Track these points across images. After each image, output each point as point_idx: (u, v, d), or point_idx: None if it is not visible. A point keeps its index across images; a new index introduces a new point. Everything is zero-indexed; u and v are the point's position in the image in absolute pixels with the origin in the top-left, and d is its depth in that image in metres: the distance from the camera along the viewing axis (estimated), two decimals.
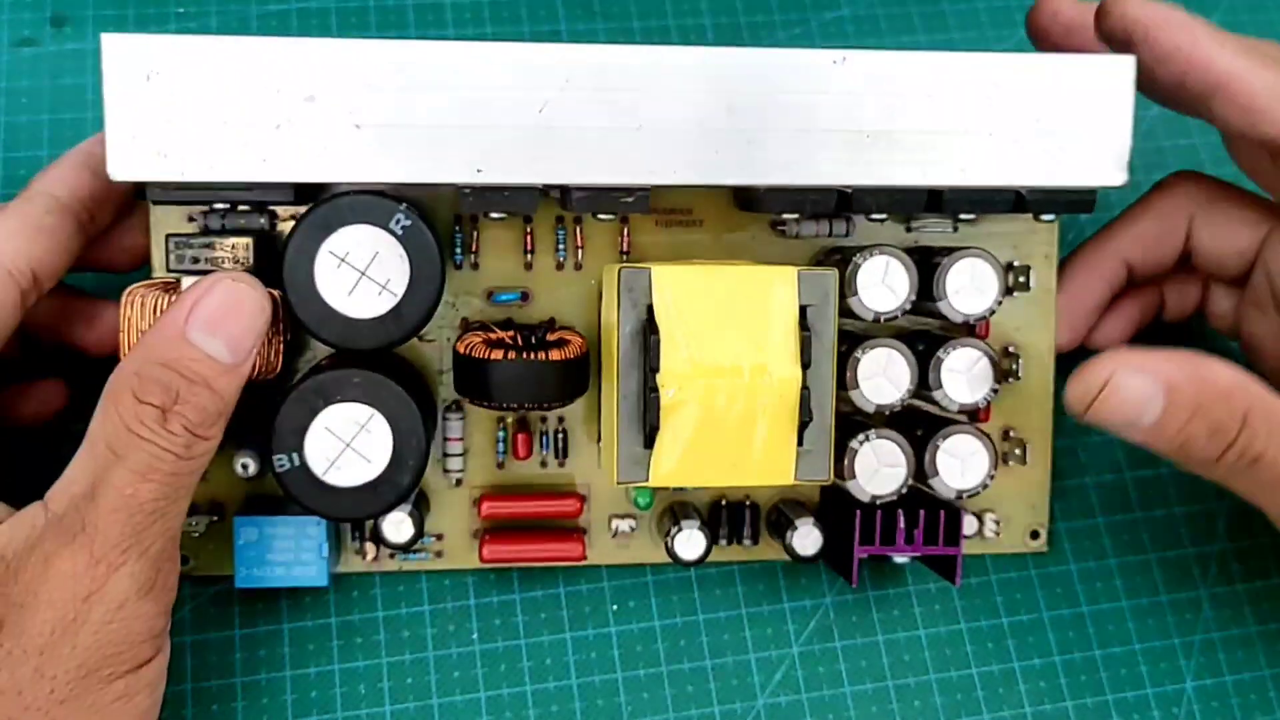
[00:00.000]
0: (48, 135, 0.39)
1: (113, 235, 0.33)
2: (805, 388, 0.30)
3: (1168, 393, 0.28)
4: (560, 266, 0.34)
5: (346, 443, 0.30)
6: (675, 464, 0.30)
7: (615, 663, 0.35)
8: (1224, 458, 0.29)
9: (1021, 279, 0.35)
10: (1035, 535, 0.38)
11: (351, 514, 0.30)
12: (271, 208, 0.33)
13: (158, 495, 0.27)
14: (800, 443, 0.31)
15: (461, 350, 0.32)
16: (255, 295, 0.29)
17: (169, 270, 0.31)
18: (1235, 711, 0.37)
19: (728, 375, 0.30)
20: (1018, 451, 0.37)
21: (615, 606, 0.36)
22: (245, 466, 0.33)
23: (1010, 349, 0.36)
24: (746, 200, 0.33)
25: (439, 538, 0.35)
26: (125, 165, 0.29)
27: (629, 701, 0.35)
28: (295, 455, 0.30)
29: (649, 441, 0.30)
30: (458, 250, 0.34)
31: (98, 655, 0.27)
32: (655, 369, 0.30)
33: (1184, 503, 0.39)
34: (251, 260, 0.31)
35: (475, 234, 0.34)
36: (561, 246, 0.34)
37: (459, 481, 0.35)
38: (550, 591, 0.36)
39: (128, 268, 0.34)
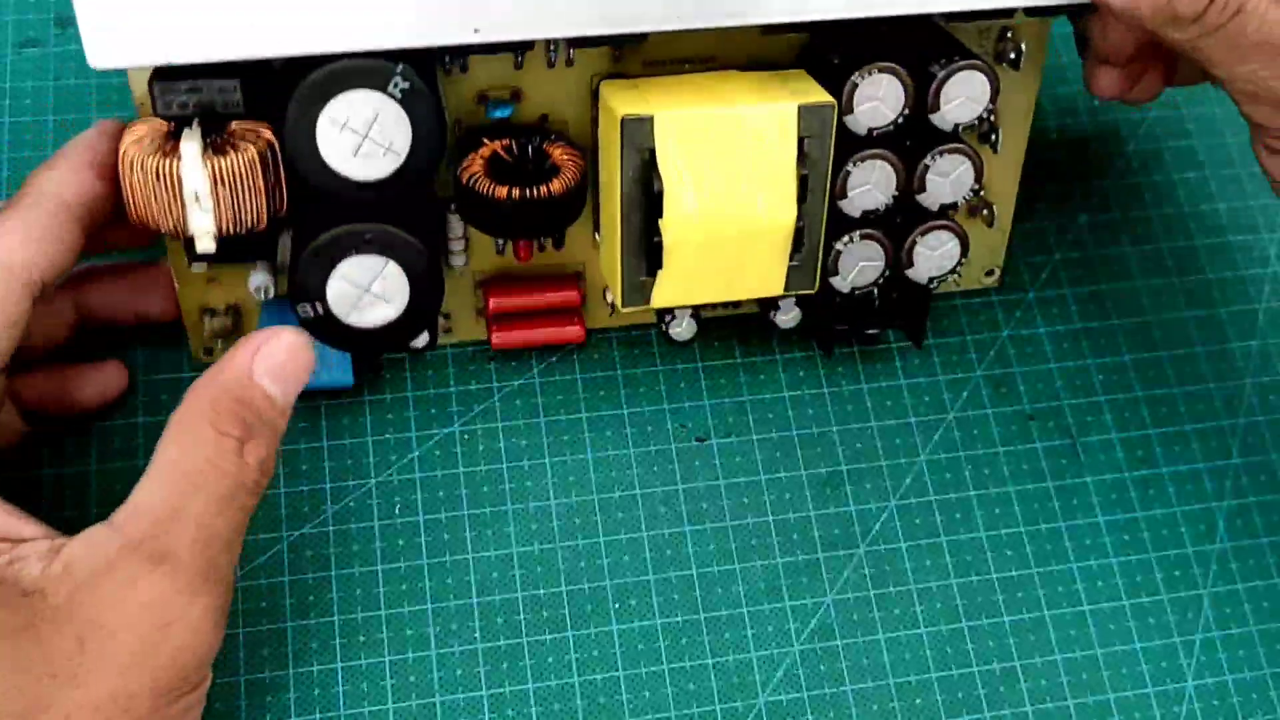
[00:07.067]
0: (51, 136, 0.39)
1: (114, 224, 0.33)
2: (800, 223, 0.32)
3: None
4: (551, 64, 0.34)
5: (365, 288, 0.31)
6: (675, 289, 0.33)
7: (617, 660, 0.36)
8: (1206, 14, 0.29)
9: (1012, 55, 0.36)
10: (990, 273, 0.41)
11: (377, 350, 0.34)
12: None
13: (232, 527, 0.29)
14: (792, 260, 0.33)
15: (464, 180, 0.33)
16: (309, 351, 0.30)
17: (157, 113, 0.30)
18: (1236, 710, 0.37)
19: (728, 214, 0.32)
20: (985, 213, 0.39)
21: (617, 605, 0.36)
22: (263, 290, 0.35)
23: (990, 117, 0.36)
24: None
25: (446, 316, 0.38)
26: (105, 53, 0.28)
27: (630, 699, 0.35)
28: (319, 304, 0.31)
29: (650, 270, 0.33)
30: (446, 57, 0.33)
31: (170, 678, 0.28)
32: (659, 215, 0.31)
33: (1184, 503, 0.40)
34: (241, 104, 0.30)
35: None
36: (552, 47, 0.33)
37: (462, 270, 0.37)
38: (553, 591, 0.36)
39: (130, 247, 0.34)
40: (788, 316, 0.37)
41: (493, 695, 0.35)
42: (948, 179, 0.34)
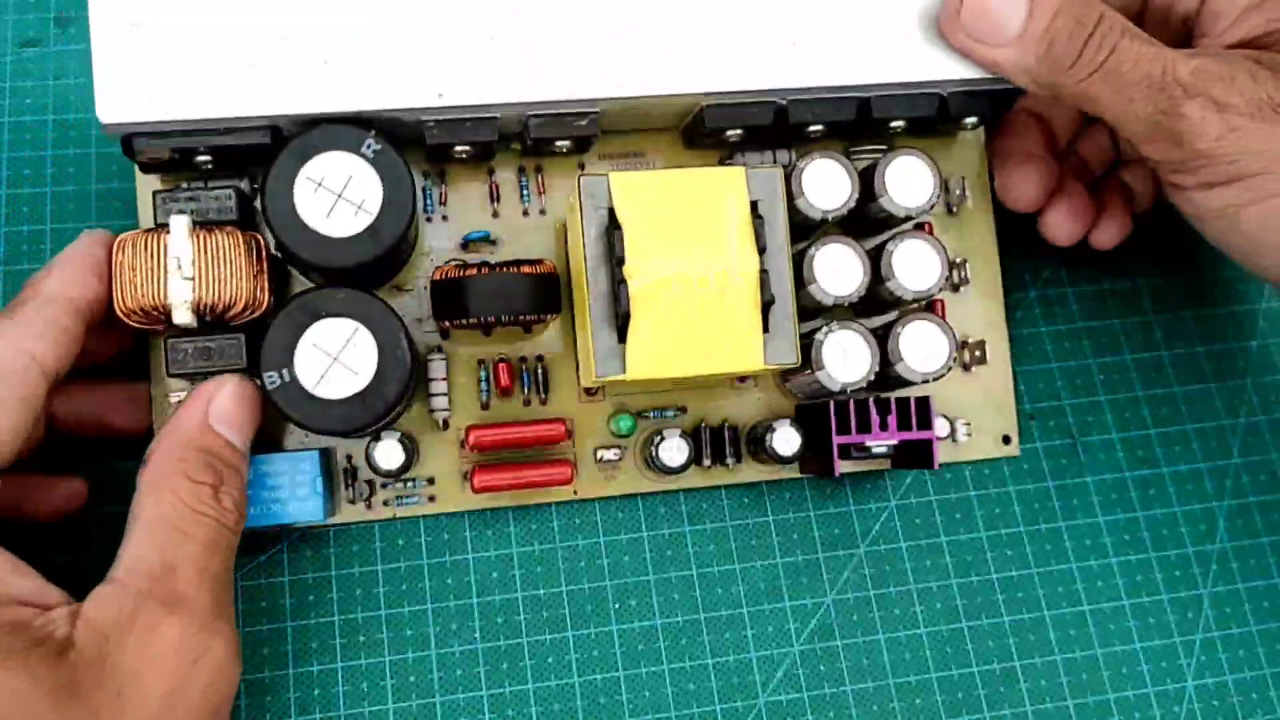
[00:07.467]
0: (51, 136, 0.39)
1: (104, 332, 0.33)
2: (764, 270, 0.32)
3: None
4: (525, 213, 0.36)
5: (334, 356, 0.31)
6: (648, 354, 0.32)
7: (617, 661, 0.36)
8: (1082, 54, 0.31)
9: (958, 193, 0.38)
10: (1006, 440, 0.39)
11: (343, 426, 0.31)
12: (249, 169, 0.34)
13: (225, 567, 0.30)
14: (766, 328, 0.32)
15: (438, 277, 0.33)
16: (255, 393, 0.32)
17: (156, 223, 0.32)
18: (1236, 710, 0.37)
19: (691, 264, 0.32)
20: (978, 354, 0.38)
21: (617, 605, 0.36)
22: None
23: (955, 260, 0.38)
24: (693, 134, 0.35)
25: (430, 481, 0.36)
26: (114, 110, 0.31)
27: (630, 699, 0.35)
28: (285, 371, 0.31)
29: (622, 335, 0.32)
30: (428, 204, 0.36)
31: (203, 714, 0.29)
32: (622, 260, 0.32)
33: (1184, 503, 0.40)
34: (235, 211, 0.32)
35: (443, 187, 0.36)
36: (525, 192, 0.36)
37: (445, 424, 0.36)
38: (553, 591, 0.36)
39: (107, 357, 0.35)
40: (785, 441, 0.35)
41: (493, 695, 0.35)
42: (913, 263, 0.34)
